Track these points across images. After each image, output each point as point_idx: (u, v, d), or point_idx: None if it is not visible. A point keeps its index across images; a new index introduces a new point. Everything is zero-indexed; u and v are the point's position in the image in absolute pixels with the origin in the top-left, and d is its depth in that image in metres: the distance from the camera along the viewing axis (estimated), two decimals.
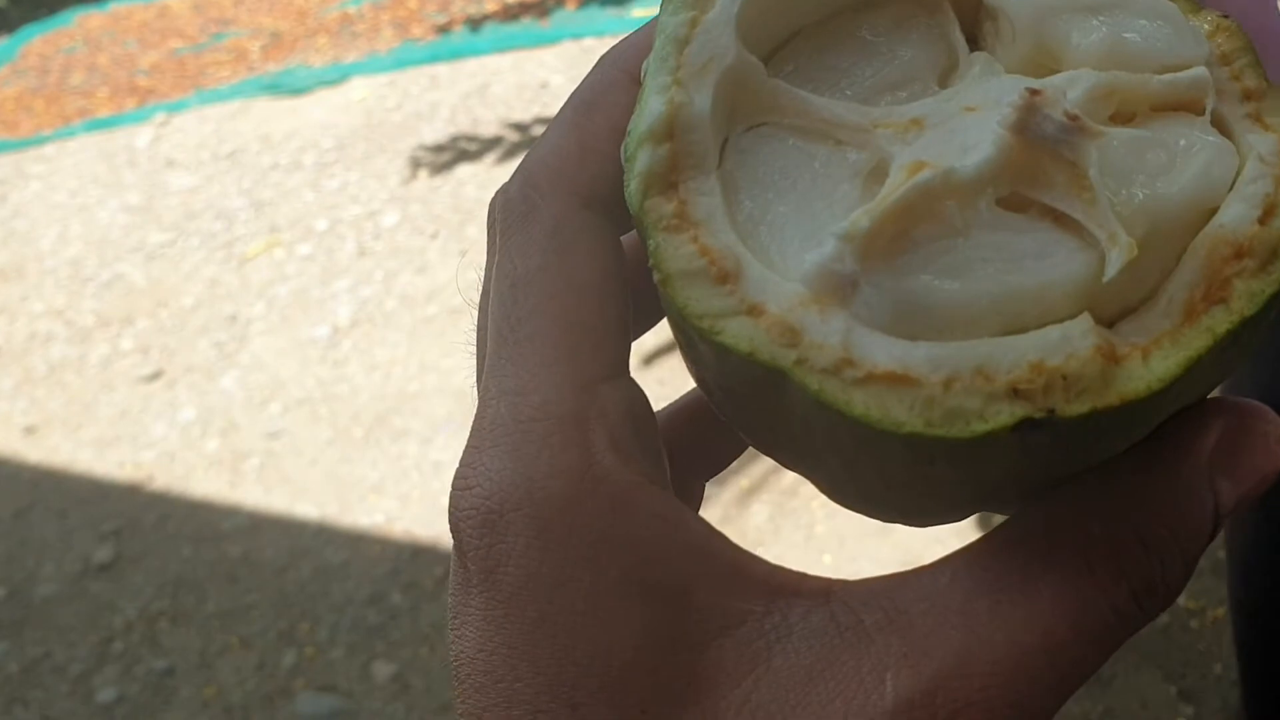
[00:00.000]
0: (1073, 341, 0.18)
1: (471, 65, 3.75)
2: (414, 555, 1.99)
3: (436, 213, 2.96)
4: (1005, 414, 0.18)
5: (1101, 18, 0.20)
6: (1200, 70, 0.20)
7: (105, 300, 2.89)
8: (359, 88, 3.75)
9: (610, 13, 3.99)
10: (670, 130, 0.21)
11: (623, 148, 0.22)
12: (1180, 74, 0.20)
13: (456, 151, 3.21)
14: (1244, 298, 0.19)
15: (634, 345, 0.24)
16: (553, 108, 3.36)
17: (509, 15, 4.14)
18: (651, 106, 0.21)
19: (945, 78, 0.22)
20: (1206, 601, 1.58)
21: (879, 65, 0.22)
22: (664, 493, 0.21)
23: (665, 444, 0.23)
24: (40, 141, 3.85)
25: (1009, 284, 0.19)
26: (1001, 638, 0.18)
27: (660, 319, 0.25)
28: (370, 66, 3.89)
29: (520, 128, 3.27)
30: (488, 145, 3.21)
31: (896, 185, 0.19)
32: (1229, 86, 0.21)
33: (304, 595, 1.96)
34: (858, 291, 0.19)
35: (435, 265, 2.76)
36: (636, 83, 0.23)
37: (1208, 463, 0.19)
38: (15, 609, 2.05)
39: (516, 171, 0.24)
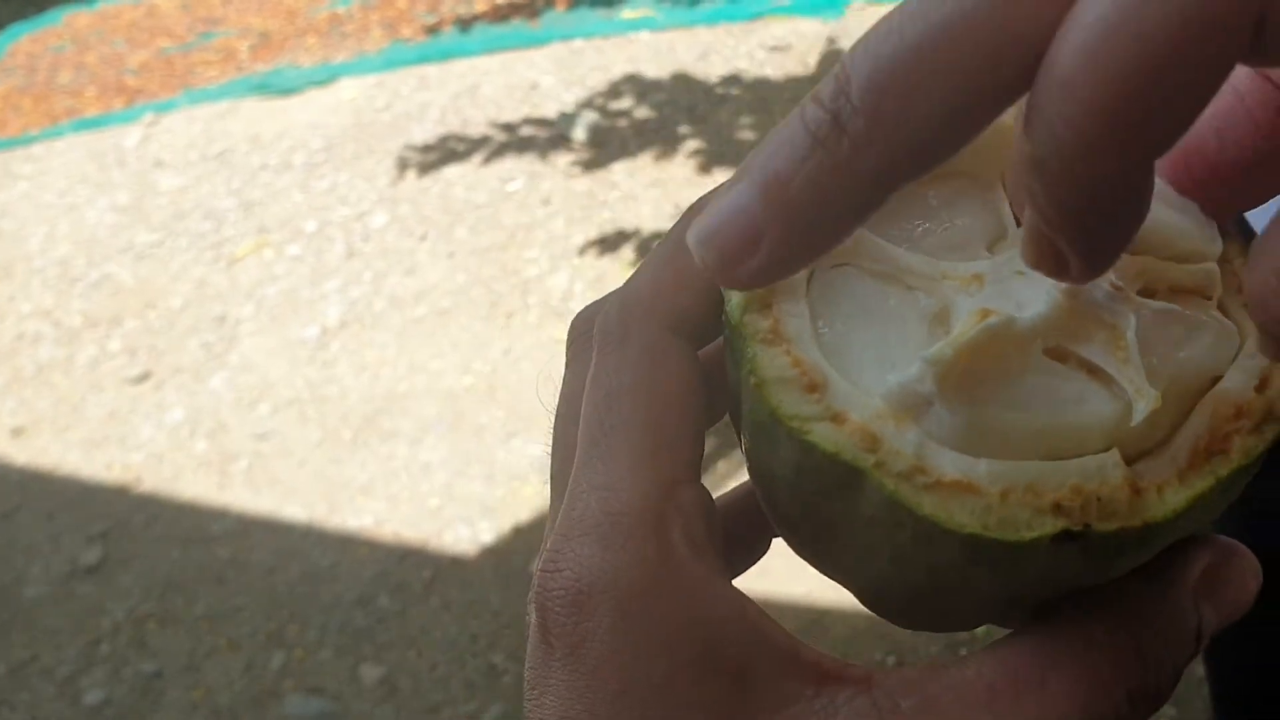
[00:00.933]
0: (1106, 471, 0.22)
1: (461, 66, 3.75)
2: (402, 557, 2.00)
3: (426, 214, 2.96)
4: (1049, 525, 0.21)
5: None
6: (1212, 266, 0.24)
7: (93, 300, 2.88)
8: (348, 88, 3.75)
9: (600, 14, 3.99)
10: None
11: None
12: (1196, 266, 0.24)
13: (446, 152, 3.21)
14: (1241, 451, 0.23)
15: None
16: (543, 108, 3.37)
17: (499, 16, 4.14)
18: None
19: (993, 245, 0.26)
20: None
21: (941, 227, 0.26)
22: (729, 583, 0.24)
23: None
24: (28, 141, 3.84)
25: (1053, 420, 0.23)
26: None
27: (717, 422, 0.29)
28: (359, 67, 3.88)
29: (509, 128, 3.27)
30: (477, 146, 3.21)
31: (970, 326, 0.23)
32: (1229, 281, 0.25)
33: (292, 597, 1.96)
34: (930, 411, 0.22)
35: (424, 266, 2.76)
36: None
37: (1193, 590, 0.23)
38: (2, 611, 2.04)
39: (614, 296, 0.27)
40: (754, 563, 0.32)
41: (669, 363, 0.26)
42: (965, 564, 0.22)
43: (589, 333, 0.27)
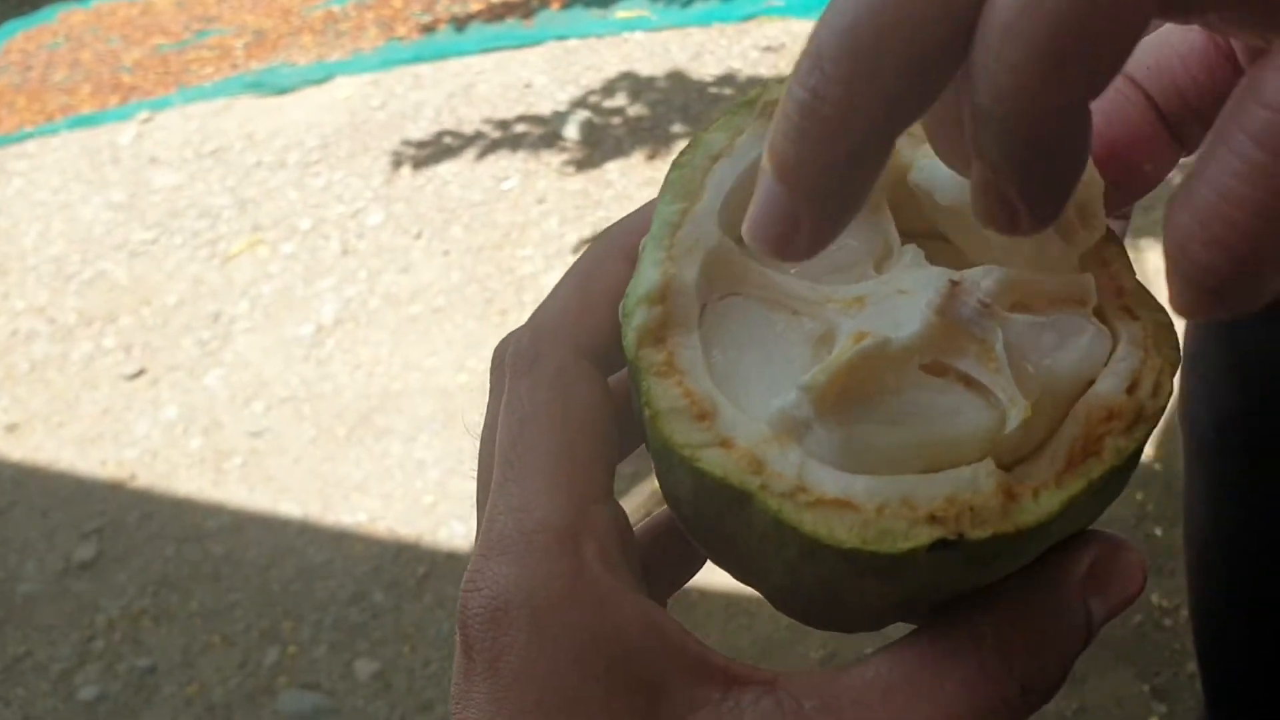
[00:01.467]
0: (979, 480, 0.23)
1: (456, 65, 3.75)
2: (397, 554, 2.00)
3: (420, 212, 2.96)
4: (925, 535, 0.22)
5: None
6: (1088, 276, 0.26)
7: (88, 298, 2.88)
8: (343, 86, 3.75)
9: (594, 14, 3.99)
10: (663, 295, 0.25)
11: (621, 306, 0.26)
12: (1070, 277, 0.25)
13: (441, 150, 3.21)
14: (1113, 452, 0.24)
15: None
16: (537, 107, 3.37)
17: (494, 16, 4.15)
18: (648, 275, 0.26)
19: (880, 264, 0.27)
20: (1180, 600, 1.61)
21: (829, 251, 0.26)
22: (642, 597, 0.25)
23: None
24: (22, 138, 3.84)
25: (930, 433, 0.24)
26: None
27: (637, 447, 0.29)
28: (355, 66, 3.89)
29: (504, 126, 3.28)
30: (471, 144, 3.22)
31: (845, 349, 0.24)
32: (1108, 285, 0.26)
33: (287, 594, 1.97)
34: (810, 432, 0.23)
35: (419, 264, 2.76)
36: (628, 259, 0.28)
37: (1080, 584, 0.24)
38: None
39: (526, 324, 0.28)
40: (691, 577, 0.32)
41: (579, 387, 0.27)
42: (852, 575, 0.23)
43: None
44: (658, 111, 3.23)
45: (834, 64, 0.18)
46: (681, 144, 3.06)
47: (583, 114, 3.22)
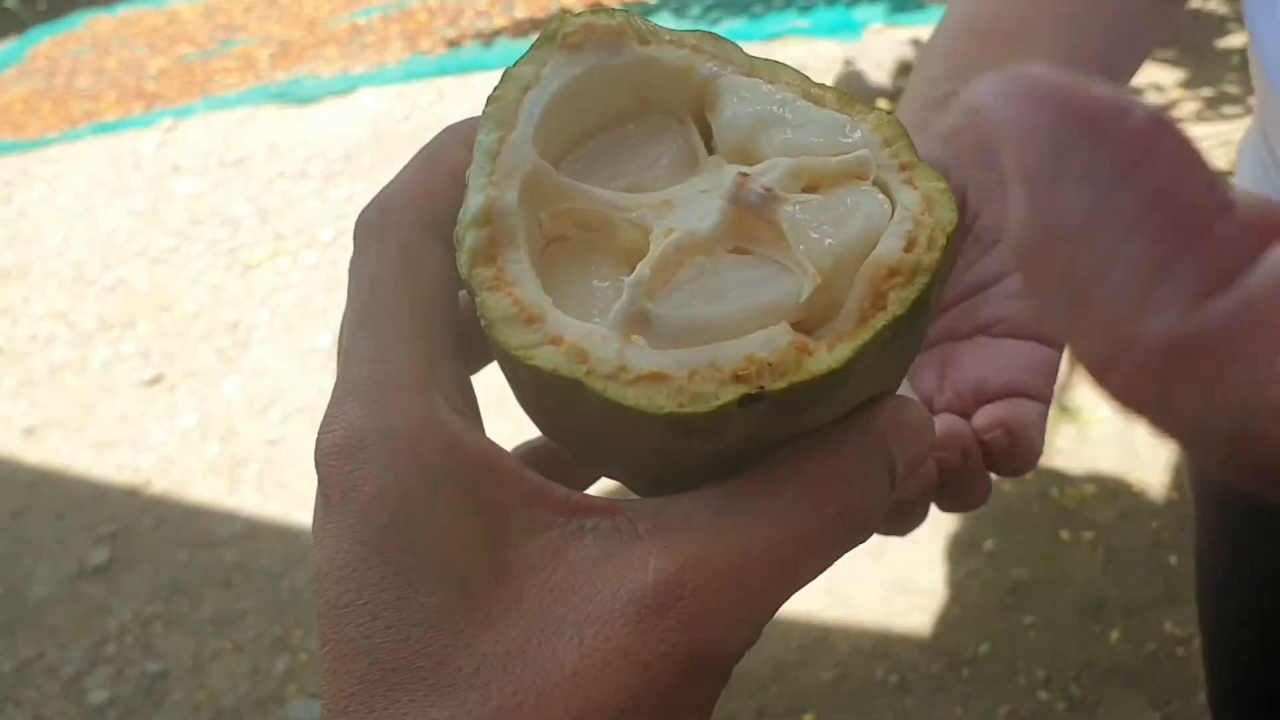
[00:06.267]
0: (774, 340, 0.26)
1: (479, 79, 3.78)
2: None
3: None
4: (731, 393, 0.25)
5: (789, 130, 0.30)
6: (864, 151, 0.29)
7: (108, 303, 2.90)
8: (367, 98, 3.77)
9: None
10: (488, 217, 0.28)
11: (454, 233, 0.29)
12: (850, 155, 0.29)
13: None
14: (896, 303, 0.27)
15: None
16: None
17: (519, 31, 4.17)
18: (474, 201, 0.29)
19: (689, 171, 0.31)
20: (1193, 630, 1.60)
21: (640, 162, 0.31)
22: (487, 439, 0.27)
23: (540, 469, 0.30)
24: (46, 143, 3.87)
25: (745, 306, 0.27)
26: (736, 540, 0.25)
27: (491, 361, 0.32)
28: (379, 78, 3.91)
29: None
30: None
31: (658, 246, 0.27)
32: (889, 161, 0.29)
33: (298, 602, 1.97)
34: (649, 323, 0.27)
35: None
36: (467, 146, 0.31)
37: (881, 429, 0.28)
38: (9, 609, 2.06)
39: (373, 200, 0.30)
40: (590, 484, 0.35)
41: (424, 255, 0.29)
42: (679, 438, 0.26)
43: None
44: None
45: None
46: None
47: None
